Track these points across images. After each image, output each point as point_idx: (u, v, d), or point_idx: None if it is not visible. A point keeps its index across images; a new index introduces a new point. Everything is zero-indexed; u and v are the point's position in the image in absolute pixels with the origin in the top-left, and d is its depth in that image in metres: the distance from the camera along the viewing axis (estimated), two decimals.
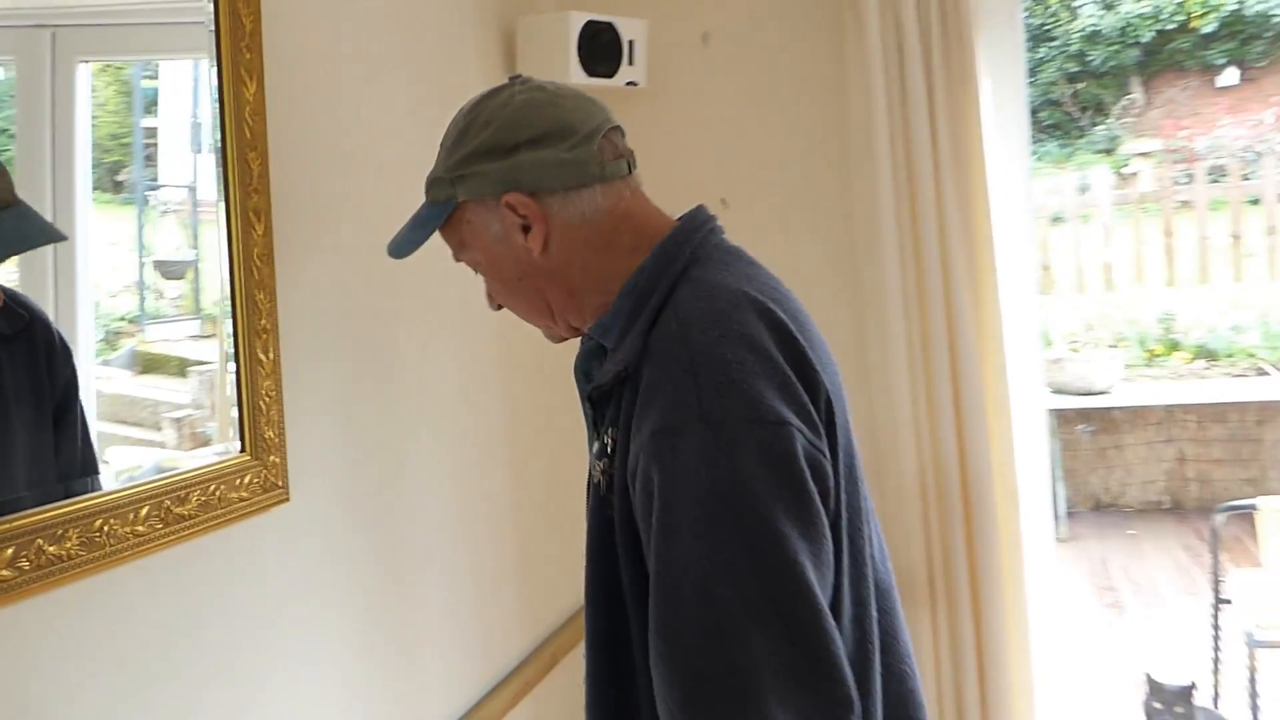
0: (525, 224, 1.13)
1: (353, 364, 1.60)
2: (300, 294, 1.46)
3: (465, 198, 1.14)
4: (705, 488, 0.93)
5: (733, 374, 0.97)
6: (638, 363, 1.03)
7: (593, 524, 1.10)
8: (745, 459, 0.94)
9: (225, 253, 1.33)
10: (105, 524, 1.13)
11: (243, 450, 1.35)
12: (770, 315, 1.04)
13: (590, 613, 1.12)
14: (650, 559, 0.97)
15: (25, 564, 1.03)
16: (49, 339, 1.10)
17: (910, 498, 2.26)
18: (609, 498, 1.06)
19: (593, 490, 1.10)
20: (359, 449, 1.60)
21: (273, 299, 1.39)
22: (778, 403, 0.97)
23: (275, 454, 1.39)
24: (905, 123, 2.20)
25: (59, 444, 1.13)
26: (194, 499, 1.25)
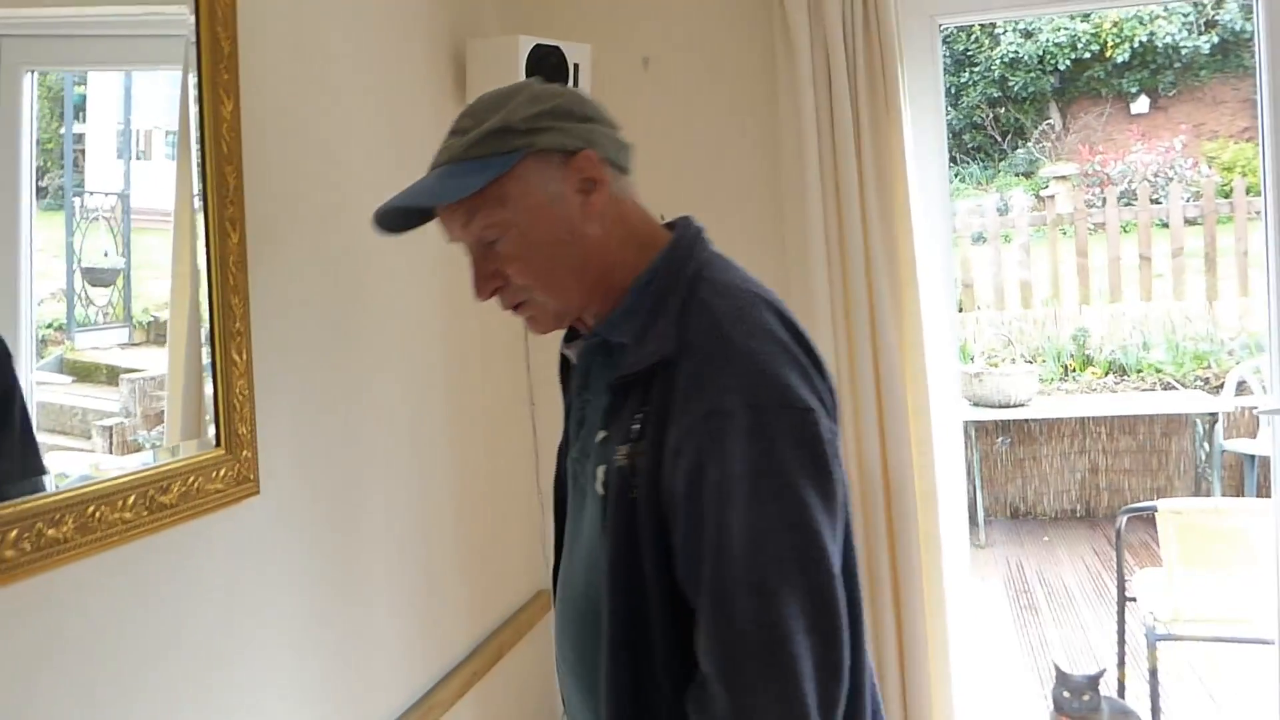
0: (589, 187, 1.17)
1: (319, 366, 1.70)
2: (271, 299, 1.55)
3: (545, 146, 1.15)
4: (749, 464, 1.04)
5: (764, 364, 1.09)
6: (675, 354, 1.11)
7: (619, 506, 1.12)
8: (780, 440, 1.06)
9: (204, 260, 1.42)
10: (97, 510, 1.21)
11: (218, 445, 1.44)
12: (781, 313, 1.17)
13: (610, 595, 1.13)
14: (699, 534, 1.06)
15: (27, 545, 1.11)
16: None
17: None
18: (633, 480, 1.11)
19: (615, 475, 1.12)
20: (322, 446, 1.70)
21: (246, 304, 1.48)
22: (803, 390, 1.09)
23: (247, 449, 1.48)
24: (833, 147, 2.36)
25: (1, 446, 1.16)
26: (175, 489, 1.34)
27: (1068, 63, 11.76)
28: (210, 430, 1.44)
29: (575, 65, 2.38)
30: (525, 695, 2.47)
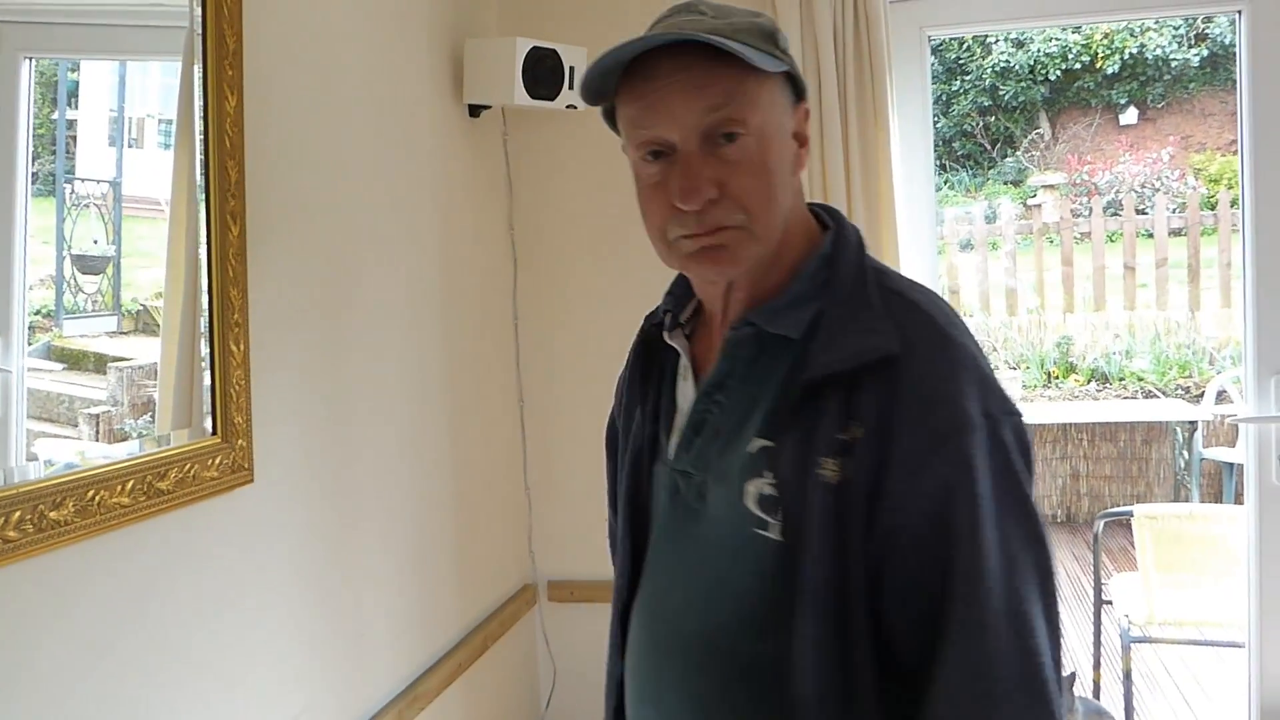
0: (801, 139, 1.04)
1: (315, 359, 1.73)
2: (269, 292, 1.59)
3: (795, 72, 1.04)
4: (994, 480, 0.93)
5: (986, 368, 0.99)
6: (899, 352, 0.95)
7: (833, 527, 0.94)
8: (1012, 451, 0.96)
9: (204, 252, 1.46)
10: (97, 494, 1.25)
11: (214, 433, 1.47)
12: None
13: (815, 641, 0.94)
14: (947, 556, 0.92)
15: (29, 527, 1.15)
16: None
17: None
18: (849, 497, 0.94)
19: (818, 490, 0.94)
20: (317, 437, 1.73)
21: (245, 295, 1.52)
22: (1011, 395, 1.00)
23: (243, 438, 1.52)
24: (822, 155, 2.40)
25: None
26: (172, 475, 1.37)
27: (1058, 73, 11.84)
28: (205, 419, 1.47)
29: (571, 68, 2.42)
30: (509, 687, 2.51)
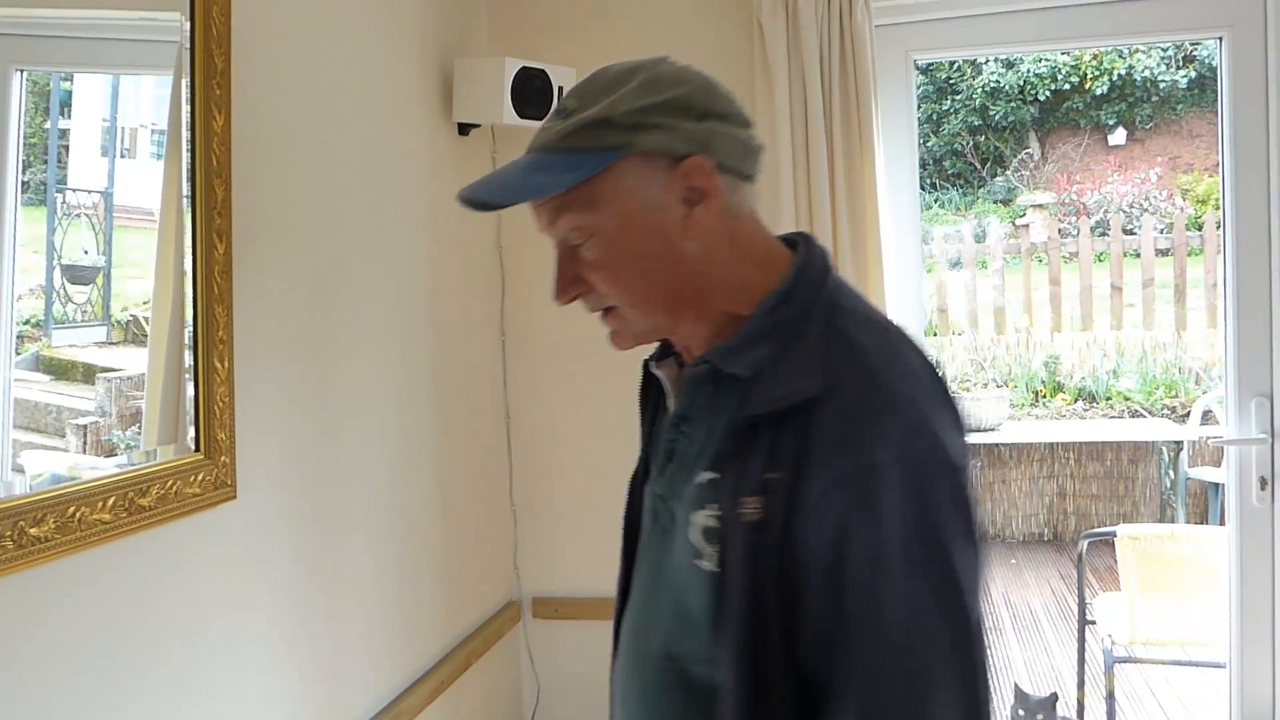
0: (696, 197, 1.01)
1: (299, 377, 1.74)
2: (255, 309, 1.60)
3: (645, 149, 1.00)
4: (907, 531, 0.90)
5: (921, 414, 0.94)
6: (820, 394, 0.95)
7: (751, 563, 0.94)
8: (938, 502, 0.92)
9: (190, 268, 1.46)
10: (77, 510, 1.25)
11: (197, 450, 1.48)
12: (921, 353, 1.03)
13: (735, 670, 0.95)
14: (842, 602, 0.91)
15: (9, 543, 1.15)
16: None
17: None
18: (765, 537, 0.94)
19: (740, 528, 0.95)
20: (300, 455, 1.74)
21: (230, 313, 1.53)
22: (954, 444, 0.95)
23: (226, 455, 1.52)
24: (808, 176, 2.42)
25: None
26: (154, 492, 1.38)
27: (1048, 93, 11.93)
28: (189, 435, 1.47)
29: (560, 88, 2.44)
30: (493, 704, 2.51)
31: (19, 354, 1.23)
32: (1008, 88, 11.98)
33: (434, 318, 2.24)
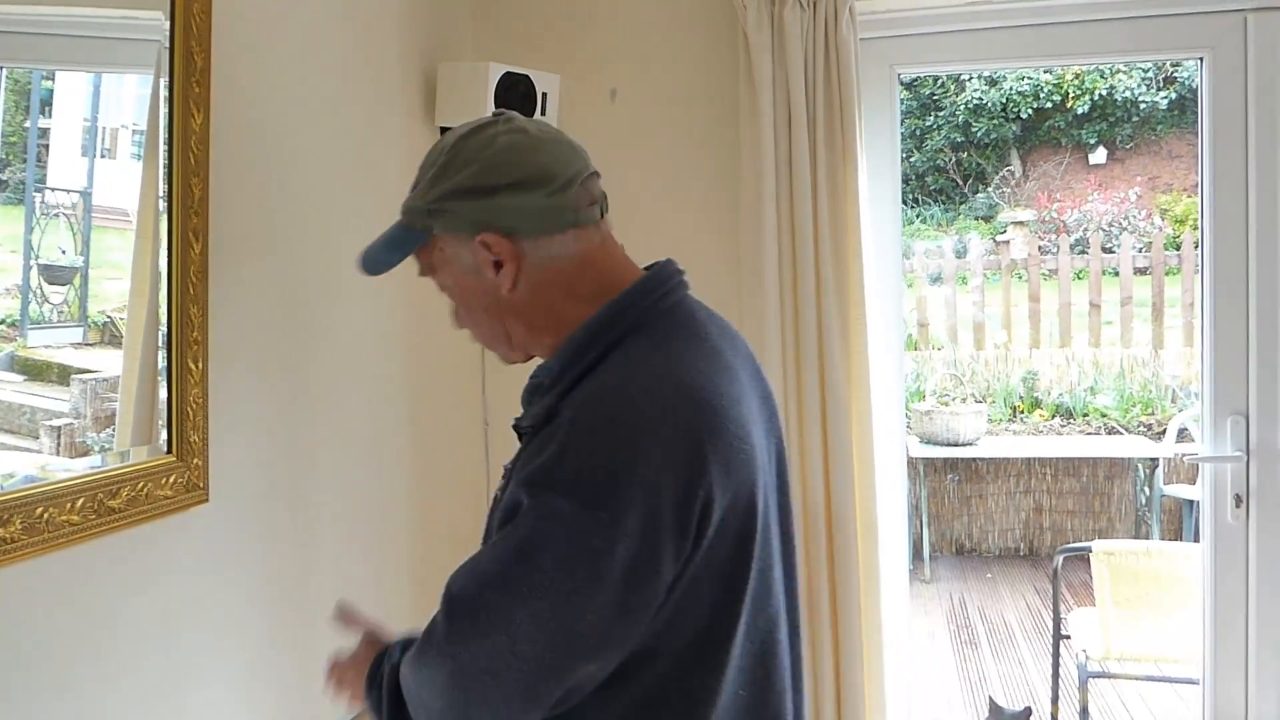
0: (498, 261, 1.16)
1: (275, 379, 1.72)
2: (231, 310, 1.58)
3: (440, 231, 1.18)
4: (519, 544, 1.04)
5: (598, 460, 1.03)
6: (552, 417, 1.09)
7: (485, 539, 1.22)
8: (557, 538, 1.02)
9: (165, 268, 1.45)
10: (45, 511, 1.23)
11: (169, 452, 1.46)
12: (679, 412, 1.06)
13: None
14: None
15: None
16: None
17: None
18: (492, 520, 1.17)
19: (496, 512, 1.19)
20: (275, 458, 1.72)
21: (205, 313, 1.51)
22: (625, 502, 1.01)
23: (198, 457, 1.50)
24: (790, 187, 2.42)
25: None
26: (124, 494, 1.36)
27: (1030, 111, 12.04)
28: (162, 436, 1.45)
29: (544, 94, 2.43)
30: None
31: None
32: (990, 105, 12.09)
33: (411, 321, 2.22)
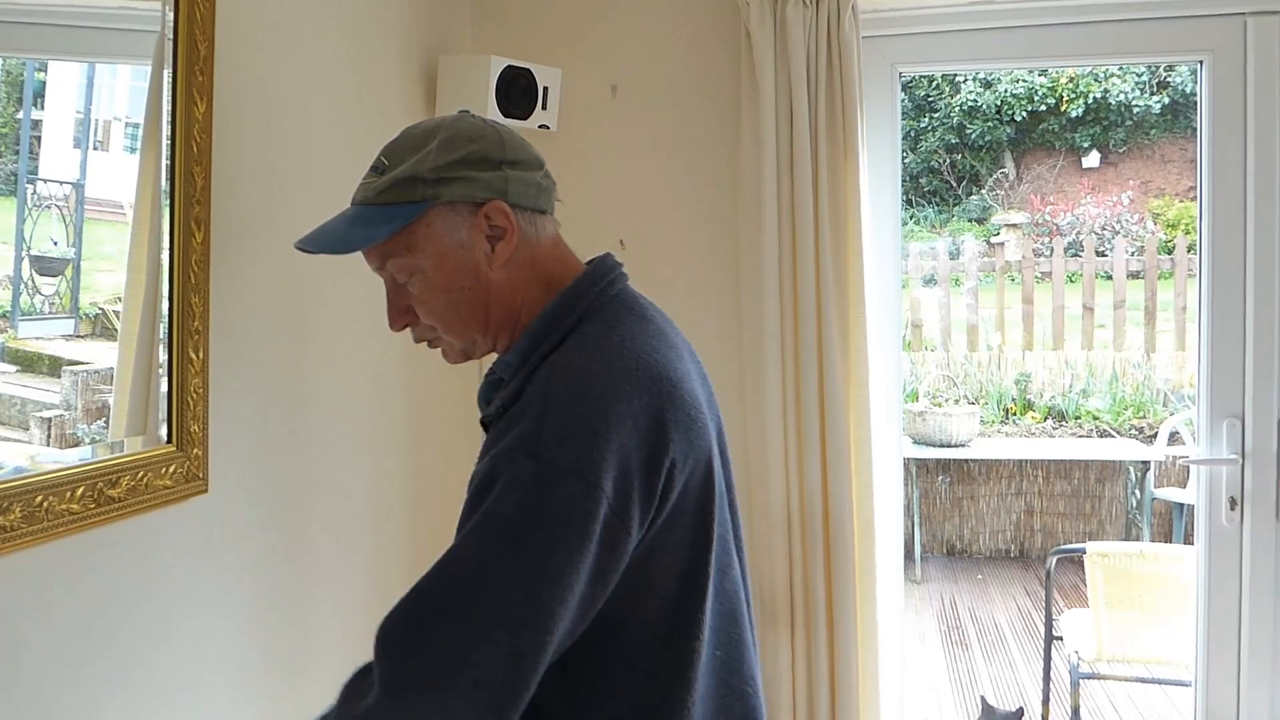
0: (498, 234, 1.20)
1: (275, 370, 1.71)
2: (232, 300, 1.57)
3: (450, 199, 1.18)
4: (509, 510, 1.05)
5: (575, 428, 1.07)
6: (513, 403, 1.13)
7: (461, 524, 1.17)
8: (549, 501, 1.04)
9: (167, 257, 1.44)
10: (45, 500, 1.22)
11: (169, 441, 1.45)
12: (645, 382, 1.12)
13: None
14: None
15: None
16: None
17: (777, 527, 2.46)
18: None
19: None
20: (274, 448, 1.71)
21: (206, 303, 1.50)
22: (603, 466, 1.05)
23: (198, 447, 1.50)
24: (791, 184, 2.42)
25: None
26: (124, 483, 1.35)
27: (1024, 114, 12.06)
28: (161, 427, 1.45)
29: (545, 88, 2.43)
30: None
31: None
32: (985, 107, 12.11)
33: None
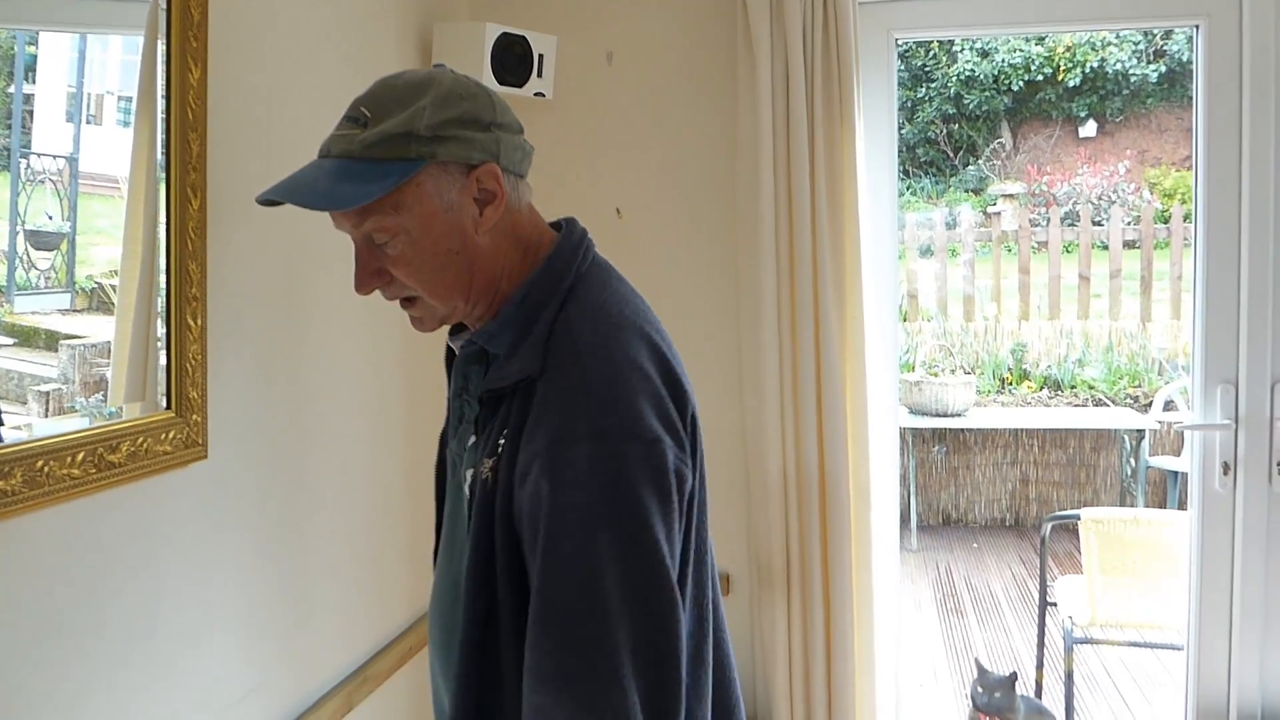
0: (486, 198, 1.17)
1: (274, 336, 1.72)
2: (230, 267, 1.57)
3: (446, 158, 1.14)
4: (593, 494, 1.04)
5: (618, 393, 1.08)
6: (537, 374, 1.11)
7: (479, 516, 1.14)
8: (627, 470, 1.05)
9: (163, 225, 1.44)
10: (45, 464, 1.23)
11: (168, 408, 1.45)
12: (648, 338, 1.17)
13: (467, 596, 1.15)
14: (537, 555, 1.06)
15: None
16: None
17: (774, 493, 2.48)
18: (494, 493, 1.12)
19: (479, 485, 1.14)
20: (274, 414, 1.72)
21: (204, 270, 1.50)
22: (653, 420, 1.09)
23: (197, 413, 1.50)
24: (788, 151, 2.42)
25: None
26: (124, 448, 1.36)
27: (1021, 84, 12.01)
28: (160, 394, 1.45)
29: (540, 56, 2.42)
30: None
31: None
32: (982, 77, 12.06)
33: None
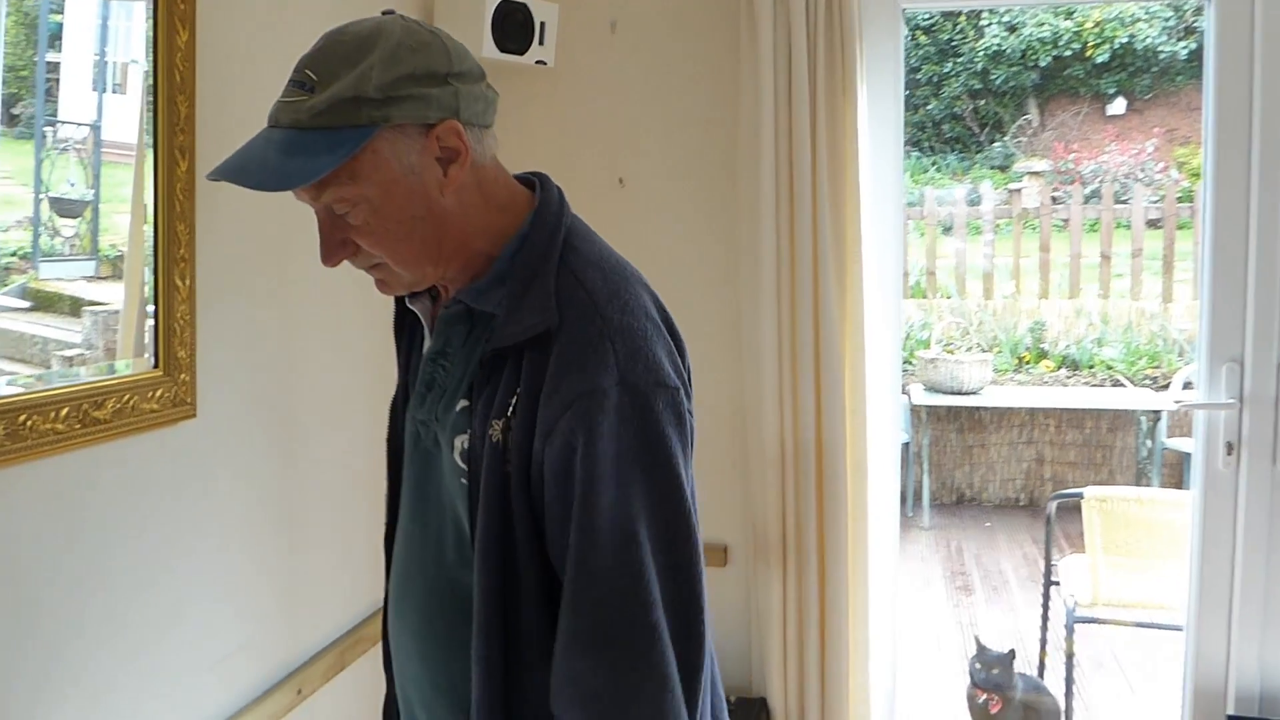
0: (450, 156, 1.09)
1: (263, 297, 1.73)
2: (218, 228, 1.59)
3: (402, 120, 1.05)
4: (626, 443, 1.03)
5: (639, 343, 1.07)
6: (555, 328, 1.07)
7: (490, 481, 1.09)
8: (657, 418, 1.05)
9: (150, 185, 1.45)
10: (29, 419, 1.25)
11: (156, 366, 1.47)
12: (648, 288, 1.16)
13: (482, 572, 1.09)
14: (574, 510, 1.04)
15: None
16: None
17: (771, 465, 2.48)
18: (506, 455, 1.08)
19: (488, 449, 1.09)
20: (263, 374, 1.74)
21: (192, 231, 1.52)
22: (670, 369, 1.08)
23: (186, 373, 1.52)
24: (789, 123, 2.41)
25: None
26: (110, 405, 1.38)
27: (1049, 59, 11.85)
28: (149, 353, 1.47)
29: (542, 23, 2.41)
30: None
31: (5, 286, 1.24)
32: (1009, 52, 11.89)
33: None
